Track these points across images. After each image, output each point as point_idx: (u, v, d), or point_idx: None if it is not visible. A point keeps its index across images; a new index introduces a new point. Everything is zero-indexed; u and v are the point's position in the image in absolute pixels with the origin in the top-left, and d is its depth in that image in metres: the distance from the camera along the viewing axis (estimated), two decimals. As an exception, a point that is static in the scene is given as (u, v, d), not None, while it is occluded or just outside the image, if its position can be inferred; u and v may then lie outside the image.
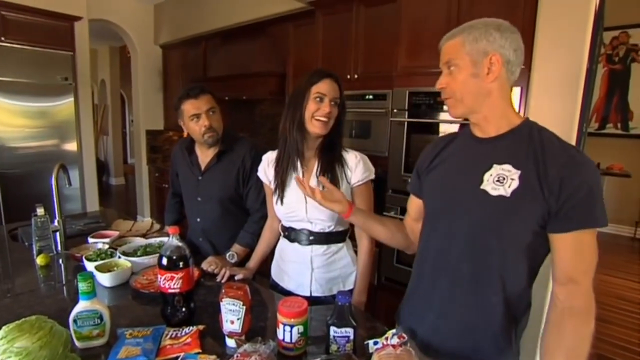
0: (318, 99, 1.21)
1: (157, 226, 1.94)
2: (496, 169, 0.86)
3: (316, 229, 1.29)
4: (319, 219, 1.26)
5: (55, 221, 1.65)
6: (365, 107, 2.46)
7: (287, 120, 1.26)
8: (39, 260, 1.47)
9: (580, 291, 0.82)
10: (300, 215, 1.28)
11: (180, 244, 1.04)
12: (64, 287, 1.34)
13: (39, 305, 1.17)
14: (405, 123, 2.17)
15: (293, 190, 1.29)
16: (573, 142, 1.63)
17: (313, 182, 1.27)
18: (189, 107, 1.52)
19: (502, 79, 0.86)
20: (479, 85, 0.86)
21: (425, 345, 0.96)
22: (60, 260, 1.55)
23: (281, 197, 1.30)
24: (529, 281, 0.89)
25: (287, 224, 1.35)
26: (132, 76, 4.59)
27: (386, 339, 0.85)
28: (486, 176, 0.87)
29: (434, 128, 2.08)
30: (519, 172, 0.83)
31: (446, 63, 0.90)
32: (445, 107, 1.99)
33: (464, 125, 1.02)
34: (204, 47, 4.00)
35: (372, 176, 1.30)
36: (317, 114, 1.21)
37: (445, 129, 2.02)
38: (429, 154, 1.05)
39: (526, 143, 0.85)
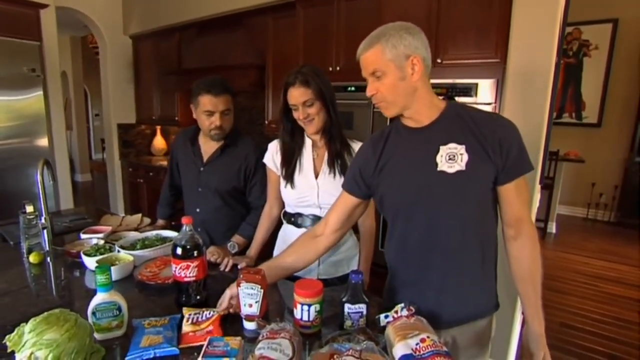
0: (294, 109, 1.29)
1: (147, 220, 1.92)
2: (444, 150, 0.96)
3: (324, 214, 1.34)
4: (329, 204, 1.31)
5: (42, 218, 1.60)
6: (347, 98, 2.51)
7: (282, 125, 1.39)
8: (32, 259, 1.43)
9: (526, 222, 0.99)
10: (311, 201, 1.34)
11: (194, 233, 1.07)
12: (54, 285, 1.33)
13: (44, 303, 1.15)
14: (388, 114, 2.26)
15: (304, 176, 1.35)
16: (544, 131, 1.79)
17: (325, 167, 1.35)
18: (206, 101, 1.50)
19: (423, 75, 0.96)
20: (406, 86, 0.95)
21: (429, 320, 1.05)
22: (49, 258, 1.52)
23: (292, 182, 1.36)
24: (496, 228, 1.04)
25: (293, 210, 1.40)
26: (101, 68, 4.37)
27: (396, 312, 0.93)
28: (438, 158, 0.96)
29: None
30: (464, 146, 0.94)
31: (372, 73, 0.96)
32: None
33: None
34: (178, 39, 3.88)
35: None
36: (299, 119, 1.30)
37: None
38: (372, 155, 1.07)
39: (458, 121, 0.97)
